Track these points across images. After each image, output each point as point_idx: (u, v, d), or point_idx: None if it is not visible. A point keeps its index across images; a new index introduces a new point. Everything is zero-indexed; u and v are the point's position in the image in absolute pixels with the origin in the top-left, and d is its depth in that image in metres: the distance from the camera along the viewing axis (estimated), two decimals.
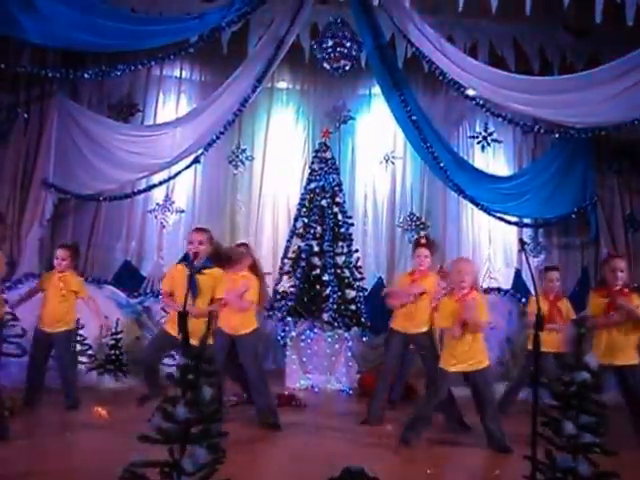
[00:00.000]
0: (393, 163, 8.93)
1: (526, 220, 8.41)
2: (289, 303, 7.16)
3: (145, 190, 8.08)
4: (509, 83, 7.00)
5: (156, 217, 8.50)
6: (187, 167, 7.94)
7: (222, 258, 4.89)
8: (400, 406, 5.88)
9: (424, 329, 5.32)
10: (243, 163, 8.86)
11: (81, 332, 6.27)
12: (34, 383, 5.35)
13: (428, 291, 5.34)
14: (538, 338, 3.32)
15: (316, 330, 7.14)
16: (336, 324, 7.11)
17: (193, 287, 4.33)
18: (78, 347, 6.38)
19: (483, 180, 8.08)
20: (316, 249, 7.42)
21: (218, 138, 7.75)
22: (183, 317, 3.68)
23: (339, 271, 7.38)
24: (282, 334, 7.31)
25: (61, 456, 4.02)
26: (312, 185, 7.77)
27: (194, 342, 4.20)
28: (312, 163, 7.95)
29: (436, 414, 4.78)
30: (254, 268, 5.26)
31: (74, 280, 5.62)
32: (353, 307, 7.35)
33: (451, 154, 8.04)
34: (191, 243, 4.64)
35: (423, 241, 5.66)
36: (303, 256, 7.36)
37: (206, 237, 4.67)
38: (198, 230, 4.83)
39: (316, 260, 7.34)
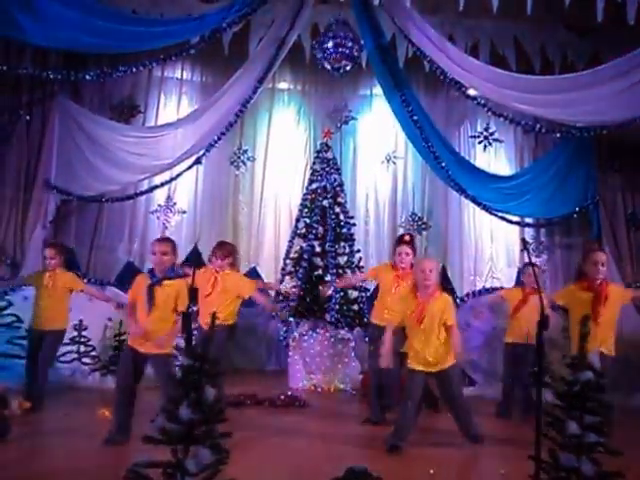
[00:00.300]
0: (394, 163, 8.93)
1: (528, 219, 8.41)
2: (291, 304, 7.17)
3: (147, 191, 8.10)
4: (510, 82, 6.99)
5: (158, 218, 8.51)
6: (189, 168, 7.95)
7: None
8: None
9: None
10: (245, 164, 8.88)
11: (84, 333, 6.29)
12: (34, 382, 5.37)
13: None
14: (542, 338, 3.31)
15: (319, 330, 7.14)
16: (339, 324, 7.11)
17: (149, 299, 4.30)
18: (82, 348, 6.41)
19: (485, 180, 8.07)
20: (318, 249, 7.44)
21: (219, 139, 7.76)
22: (187, 317, 3.69)
23: (341, 271, 7.39)
24: (284, 335, 7.32)
25: (65, 457, 4.02)
26: (314, 185, 7.78)
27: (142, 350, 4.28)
28: (314, 163, 7.97)
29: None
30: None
31: (64, 277, 5.64)
32: (355, 307, 7.36)
33: (452, 154, 8.03)
34: (154, 254, 4.41)
35: (407, 238, 5.53)
36: (305, 256, 7.37)
37: (170, 247, 4.46)
38: (161, 240, 4.65)
39: (318, 260, 7.35)
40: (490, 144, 8.73)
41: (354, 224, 7.82)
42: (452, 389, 4.48)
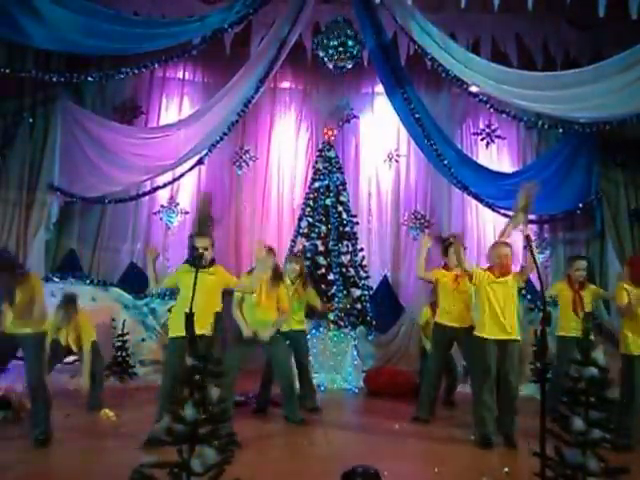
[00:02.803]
0: (397, 161, 8.93)
1: (530, 216, 8.38)
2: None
3: (150, 192, 8.12)
4: (512, 79, 6.98)
5: (161, 219, 8.53)
6: (191, 168, 7.97)
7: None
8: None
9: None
10: (247, 163, 8.88)
11: None
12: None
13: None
14: (545, 334, 3.31)
15: (322, 329, 7.14)
16: (342, 323, 7.11)
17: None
18: None
19: (487, 176, 8.06)
20: (321, 248, 7.44)
21: (222, 139, 7.77)
22: (190, 317, 3.68)
23: (344, 270, 7.40)
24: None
25: (68, 457, 4.03)
26: (316, 184, 7.79)
27: None
28: (316, 162, 7.98)
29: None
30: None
31: None
32: (359, 306, 7.37)
33: (455, 151, 8.03)
34: (195, 249, 4.35)
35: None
36: (308, 255, 7.38)
37: (210, 243, 4.47)
38: (201, 236, 4.59)
39: (321, 259, 7.36)
40: (492, 141, 8.72)
41: (357, 222, 7.83)
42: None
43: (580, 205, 7.74)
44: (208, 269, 4.35)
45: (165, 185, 8.10)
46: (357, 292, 7.40)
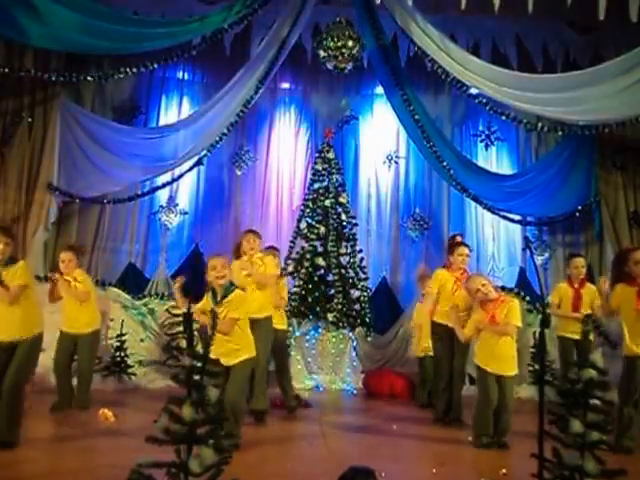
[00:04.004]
0: (396, 163, 8.93)
1: (530, 218, 8.40)
2: (293, 303, 7.17)
3: (149, 192, 8.11)
4: (512, 81, 7.00)
5: (160, 219, 8.52)
6: (190, 169, 7.96)
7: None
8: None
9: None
10: (246, 164, 8.87)
11: None
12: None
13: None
14: (543, 336, 3.31)
15: (321, 330, 7.14)
16: (340, 324, 7.11)
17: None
18: None
19: (486, 179, 8.07)
20: (320, 249, 7.45)
21: (221, 139, 7.76)
22: (187, 318, 3.69)
23: (343, 271, 7.40)
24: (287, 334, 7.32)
25: (67, 457, 4.03)
26: (316, 185, 7.79)
27: None
28: (315, 163, 7.98)
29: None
30: None
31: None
32: (357, 307, 7.37)
33: (454, 153, 8.03)
34: (214, 269, 4.23)
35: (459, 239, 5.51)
36: (307, 256, 7.38)
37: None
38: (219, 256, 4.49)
39: (320, 260, 7.36)
40: (492, 143, 8.72)
41: (356, 224, 7.83)
42: None
43: (579, 207, 7.75)
44: None
45: (164, 185, 8.09)
46: (356, 293, 7.41)
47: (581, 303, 5.56)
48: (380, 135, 8.97)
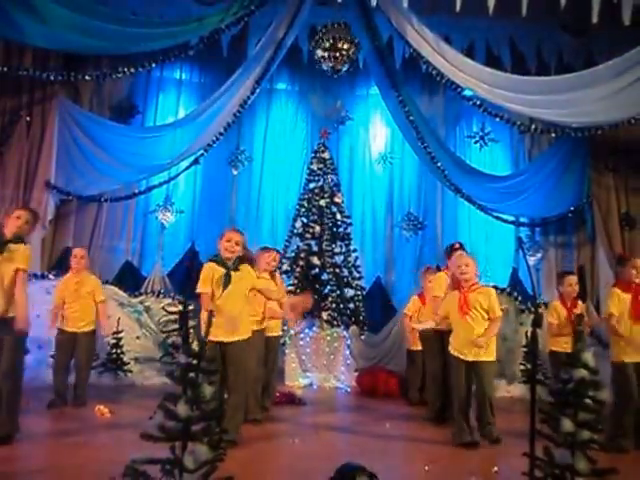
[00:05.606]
0: (391, 163, 8.99)
1: (523, 219, 8.47)
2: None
3: (146, 191, 8.16)
4: (506, 83, 7.06)
5: (157, 218, 8.56)
6: (187, 168, 8.02)
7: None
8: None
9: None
10: (242, 164, 8.93)
11: None
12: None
13: None
14: (535, 335, 3.35)
15: (315, 329, 7.21)
16: (335, 323, 7.18)
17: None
18: None
19: (480, 179, 8.14)
20: (315, 249, 7.50)
21: (217, 139, 7.82)
22: (183, 315, 3.73)
23: (338, 270, 7.46)
24: (281, 333, 7.37)
25: (63, 453, 4.07)
26: (311, 185, 7.85)
27: None
28: (311, 163, 8.04)
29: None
30: None
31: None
32: (352, 306, 7.43)
33: (448, 154, 8.10)
34: (229, 241, 4.30)
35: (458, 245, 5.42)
36: (302, 255, 7.43)
37: (243, 240, 4.42)
38: (238, 231, 4.52)
39: (315, 259, 7.41)
40: (486, 144, 8.78)
41: (351, 223, 7.89)
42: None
43: (572, 209, 7.83)
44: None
45: (161, 184, 8.15)
46: (350, 292, 7.47)
47: (574, 322, 5.55)
48: (375, 135, 9.04)
